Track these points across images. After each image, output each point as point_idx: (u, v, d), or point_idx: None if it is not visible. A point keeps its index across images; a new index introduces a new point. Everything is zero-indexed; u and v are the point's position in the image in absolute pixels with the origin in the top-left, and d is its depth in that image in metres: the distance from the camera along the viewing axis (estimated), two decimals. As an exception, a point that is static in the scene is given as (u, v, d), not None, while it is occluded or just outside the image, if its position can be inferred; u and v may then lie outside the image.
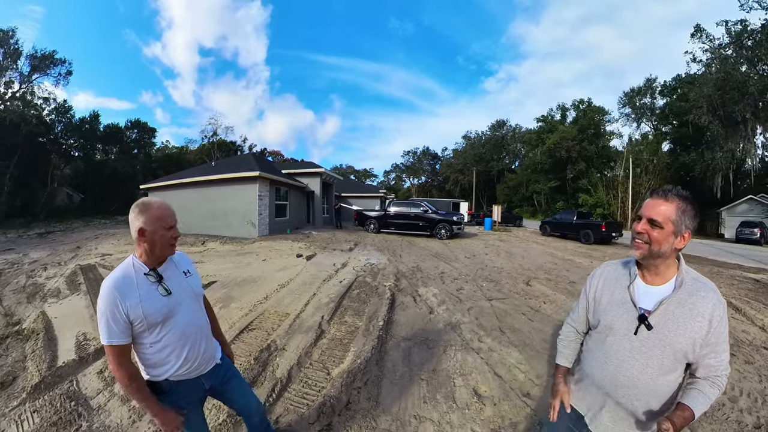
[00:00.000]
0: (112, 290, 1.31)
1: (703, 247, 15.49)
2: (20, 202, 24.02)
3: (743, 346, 3.89)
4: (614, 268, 1.38)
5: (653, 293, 1.21)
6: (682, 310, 1.15)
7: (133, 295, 1.34)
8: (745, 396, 2.86)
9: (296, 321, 4.41)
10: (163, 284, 1.44)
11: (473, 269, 7.92)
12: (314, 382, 2.99)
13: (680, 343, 1.14)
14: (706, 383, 1.17)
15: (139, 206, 1.41)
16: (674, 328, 1.14)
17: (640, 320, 1.19)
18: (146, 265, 1.43)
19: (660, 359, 1.16)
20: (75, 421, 2.48)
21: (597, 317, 1.34)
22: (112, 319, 1.30)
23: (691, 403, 1.13)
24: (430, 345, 3.73)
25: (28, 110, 28.02)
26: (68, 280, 6.59)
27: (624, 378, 1.21)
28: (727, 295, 5.89)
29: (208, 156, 40.99)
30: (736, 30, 25.86)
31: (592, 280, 1.43)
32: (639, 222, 1.20)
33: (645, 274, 1.25)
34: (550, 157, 45.74)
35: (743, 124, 26.24)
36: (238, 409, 1.85)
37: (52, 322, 4.46)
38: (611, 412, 1.27)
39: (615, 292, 1.30)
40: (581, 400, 1.38)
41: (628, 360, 1.20)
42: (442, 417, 2.52)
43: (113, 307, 1.30)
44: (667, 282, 1.20)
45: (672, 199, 1.15)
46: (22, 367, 3.29)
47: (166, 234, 1.43)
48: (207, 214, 14.81)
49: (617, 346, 1.24)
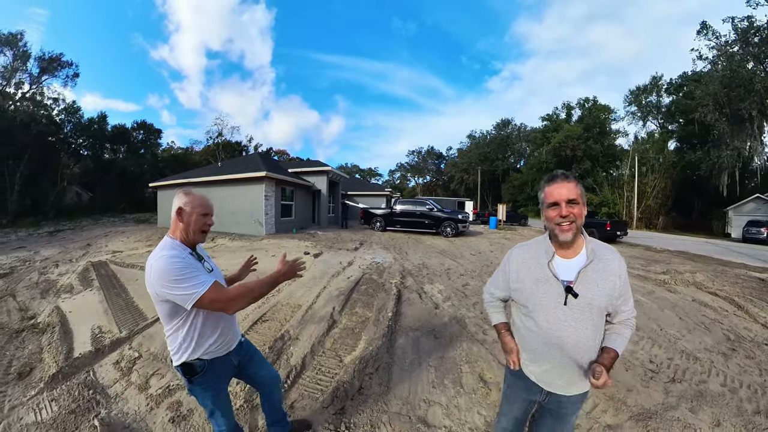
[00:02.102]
0: (178, 255, 1.43)
1: (709, 247, 15.44)
2: (30, 201, 24.34)
3: (744, 342, 3.97)
4: (529, 250, 1.51)
5: (570, 265, 1.38)
6: (598, 274, 1.34)
7: (191, 261, 1.48)
8: (746, 387, 2.96)
9: (308, 312, 4.57)
10: (204, 263, 1.59)
11: (479, 266, 8.04)
12: (327, 369, 3.13)
13: (602, 301, 1.32)
14: (621, 326, 1.40)
15: (183, 191, 1.58)
16: (596, 290, 1.32)
17: (566, 291, 1.34)
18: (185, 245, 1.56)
19: (590, 319, 1.33)
20: (93, 408, 2.57)
21: (526, 297, 1.45)
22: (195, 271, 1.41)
23: (614, 344, 1.35)
24: (437, 336, 3.87)
25: (38, 110, 28.53)
26: (80, 277, 6.72)
27: (568, 344, 1.35)
28: (730, 294, 5.95)
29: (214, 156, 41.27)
30: (743, 27, 25.68)
31: (509, 264, 1.55)
32: (556, 208, 1.33)
33: (559, 250, 1.41)
34: (556, 156, 45.56)
35: (750, 121, 26.03)
36: (261, 382, 1.94)
37: (67, 316, 4.58)
38: (562, 375, 1.41)
39: (536, 272, 1.43)
40: (531, 373, 1.50)
41: (565, 328, 1.35)
42: (450, 401, 2.66)
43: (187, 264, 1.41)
44: (578, 253, 1.38)
45: (570, 179, 1.33)
46: (39, 359, 3.39)
47: (201, 219, 1.58)
48: (216, 213, 14.86)
49: (552, 318, 1.37)
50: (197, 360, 1.53)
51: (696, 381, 3.06)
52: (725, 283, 6.84)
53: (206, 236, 1.67)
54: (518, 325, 1.53)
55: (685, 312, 4.97)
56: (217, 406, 1.65)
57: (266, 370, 1.97)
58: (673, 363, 3.38)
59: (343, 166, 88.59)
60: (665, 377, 3.10)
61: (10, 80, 26.42)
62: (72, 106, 33.85)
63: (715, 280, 7.07)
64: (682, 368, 3.28)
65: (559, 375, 1.41)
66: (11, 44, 25.87)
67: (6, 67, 26.10)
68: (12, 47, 25.94)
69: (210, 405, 1.64)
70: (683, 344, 3.84)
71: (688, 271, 7.85)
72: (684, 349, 3.70)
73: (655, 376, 3.11)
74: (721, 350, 3.73)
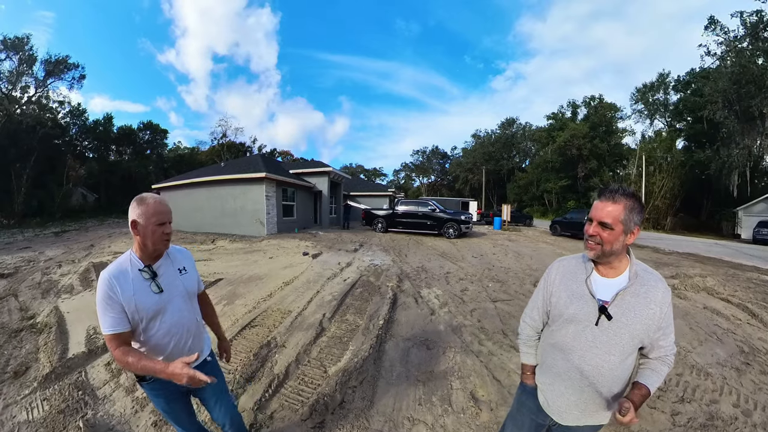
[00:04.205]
0: (110, 279, 1.36)
1: (719, 248, 15.05)
2: (37, 202, 24.70)
3: (759, 355, 3.70)
4: (569, 263, 1.42)
5: (609, 285, 1.27)
6: (637, 299, 1.22)
7: (128, 288, 1.39)
8: (760, 410, 2.70)
9: (298, 318, 4.44)
10: (156, 281, 1.47)
11: (480, 269, 7.83)
12: (311, 380, 3.00)
13: (637, 330, 1.22)
14: (658, 362, 1.28)
15: (136, 200, 1.45)
16: (632, 316, 1.22)
17: (600, 311, 1.24)
18: (141, 260, 1.47)
19: (621, 346, 1.23)
20: (81, 409, 2.60)
21: (558, 311, 1.36)
22: (110, 308, 1.35)
23: (647, 381, 1.26)
24: (430, 346, 3.69)
25: (44, 113, 28.85)
26: (81, 277, 6.75)
27: (589, 367, 1.26)
28: (743, 300, 5.68)
29: (219, 157, 41.54)
30: (752, 21, 25.15)
31: (549, 277, 1.46)
32: (590, 224, 1.26)
33: (600, 268, 1.31)
34: (561, 156, 45.10)
35: (760, 119, 25.46)
36: (211, 415, 1.79)
37: (65, 316, 4.64)
38: (579, 402, 1.31)
39: (573, 286, 1.34)
40: (543, 393, 1.43)
41: (591, 350, 1.26)
42: (436, 420, 2.49)
43: (110, 296, 1.35)
44: (621, 274, 1.28)
45: (619, 200, 1.21)
46: (35, 359, 3.45)
47: (158, 229, 1.45)
48: (217, 213, 15.18)
49: (580, 337, 1.28)
50: None
51: (707, 401, 2.82)
52: (737, 288, 6.56)
53: (168, 244, 1.55)
54: (542, 340, 1.48)
55: (696, 321, 4.72)
56: (169, 413, 1.65)
57: (216, 405, 1.74)
58: (682, 380, 3.14)
59: (347, 166, 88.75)
60: (674, 396, 2.86)
61: (16, 84, 26.75)
62: (77, 108, 34.26)
63: (726, 284, 6.78)
64: (692, 386, 3.04)
65: (575, 402, 1.31)
66: (17, 48, 26.19)
67: (12, 71, 26.40)
68: (18, 51, 26.23)
69: (161, 410, 1.65)
70: (694, 358, 3.60)
71: (698, 275, 7.56)
72: (695, 364, 3.46)
73: (663, 395, 2.87)
74: (734, 364, 3.48)
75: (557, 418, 1.37)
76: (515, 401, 1.60)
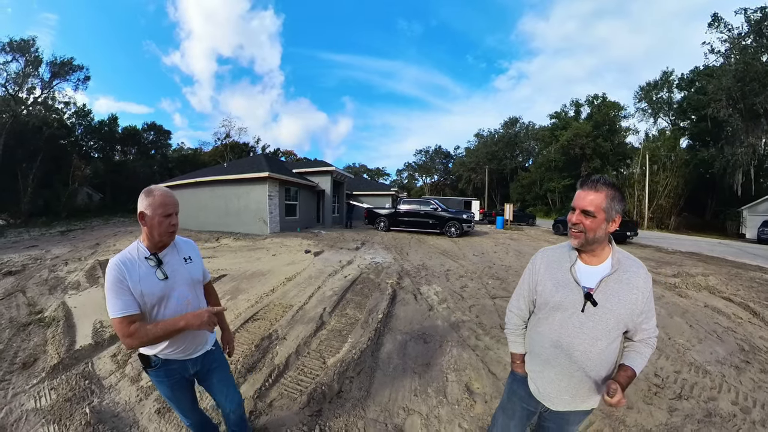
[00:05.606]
0: (119, 264, 1.44)
1: (723, 248, 14.97)
2: (43, 202, 25.01)
3: (760, 354, 3.68)
4: (554, 252, 1.47)
5: (593, 272, 1.32)
6: (620, 285, 1.28)
7: (135, 273, 1.45)
8: (759, 407, 2.70)
9: (299, 312, 4.52)
10: (162, 269, 1.53)
11: (480, 267, 7.87)
12: (310, 370, 3.07)
13: (622, 314, 1.27)
14: (642, 345, 1.34)
15: (145, 192, 1.53)
16: (616, 301, 1.26)
17: (586, 298, 1.29)
18: (148, 249, 1.54)
19: (607, 331, 1.27)
20: (87, 398, 2.71)
21: (544, 299, 1.40)
22: (120, 291, 1.40)
23: (632, 363, 1.30)
24: (427, 340, 3.75)
25: (50, 114, 29.15)
26: (87, 274, 6.86)
27: (577, 353, 1.31)
28: (745, 299, 5.64)
29: (222, 157, 41.74)
30: (756, 18, 24.95)
31: (534, 266, 1.50)
32: (573, 213, 1.31)
33: (583, 256, 1.36)
34: (564, 155, 44.92)
35: (765, 116, 25.27)
36: (216, 401, 1.88)
37: (72, 311, 4.76)
38: (569, 387, 1.35)
39: (558, 274, 1.38)
40: (533, 380, 1.47)
41: (578, 335, 1.30)
42: (431, 411, 2.54)
43: (120, 279, 1.41)
44: (604, 262, 1.32)
45: (601, 189, 1.25)
46: (43, 351, 3.56)
47: (165, 221, 1.51)
48: (221, 212, 15.35)
49: (566, 324, 1.32)
50: (153, 356, 1.57)
51: (705, 398, 2.82)
52: (740, 287, 6.53)
53: (174, 235, 1.62)
54: (529, 328, 1.51)
55: (696, 319, 4.71)
56: (173, 400, 1.71)
57: (222, 392, 1.83)
58: (680, 377, 3.14)
59: (350, 166, 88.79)
60: (671, 393, 2.87)
61: (22, 85, 27.02)
62: (83, 109, 34.57)
63: (728, 283, 6.76)
64: (690, 383, 3.04)
65: (565, 388, 1.35)
66: (23, 50, 26.47)
67: (18, 72, 26.70)
68: (24, 53, 26.51)
69: (165, 397, 1.70)
70: (692, 355, 3.60)
71: (700, 274, 7.55)
72: (693, 361, 3.45)
73: (660, 391, 2.88)
74: (733, 362, 3.47)
75: (548, 404, 1.41)
76: (506, 390, 1.64)
